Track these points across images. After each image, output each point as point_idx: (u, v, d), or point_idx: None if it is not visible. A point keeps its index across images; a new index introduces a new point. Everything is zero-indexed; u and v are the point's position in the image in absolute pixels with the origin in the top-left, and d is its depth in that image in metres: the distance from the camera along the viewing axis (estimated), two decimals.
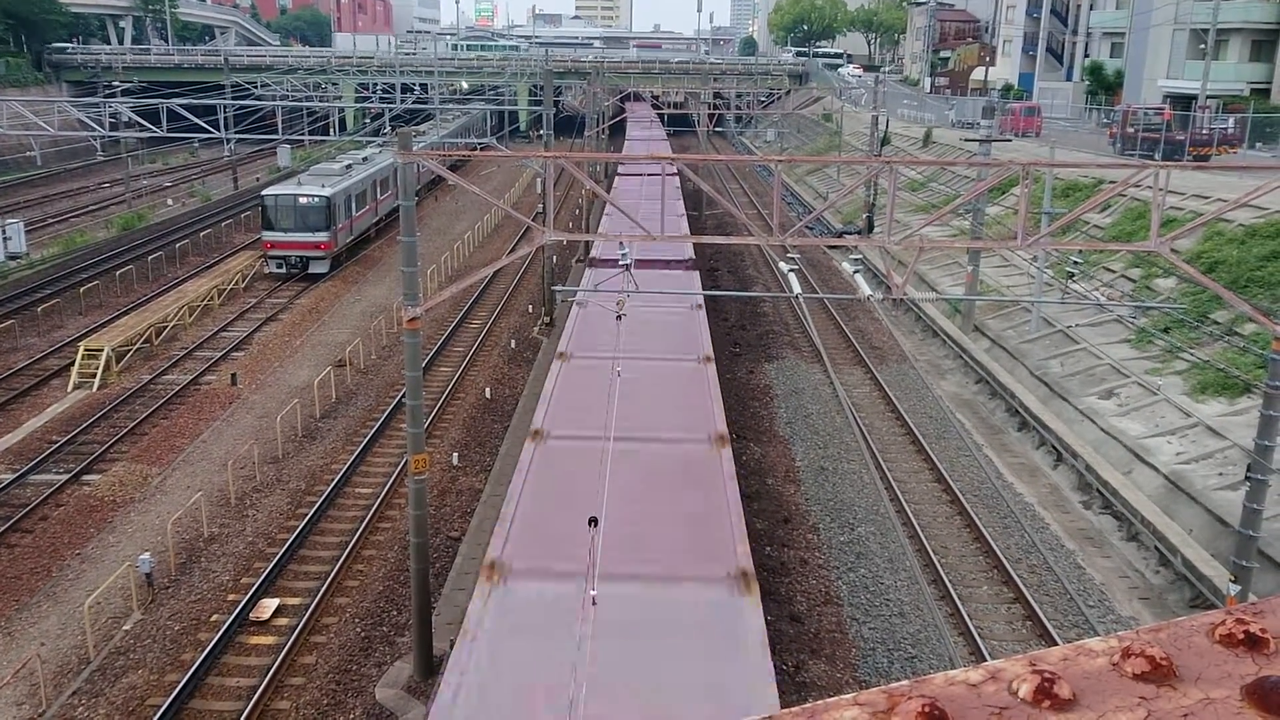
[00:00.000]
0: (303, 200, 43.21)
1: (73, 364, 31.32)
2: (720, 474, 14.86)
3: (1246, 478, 16.40)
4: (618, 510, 13.00)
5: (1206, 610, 1.60)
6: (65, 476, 24.48)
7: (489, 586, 11.78)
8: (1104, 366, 28.34)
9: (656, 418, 16.94)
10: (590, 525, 11.75)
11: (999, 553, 20.92)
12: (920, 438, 26.97)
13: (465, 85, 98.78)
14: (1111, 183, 29.67)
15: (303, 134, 67.29)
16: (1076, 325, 31.35)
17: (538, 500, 14.04)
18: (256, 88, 71.48)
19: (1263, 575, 17.74)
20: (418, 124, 75.72)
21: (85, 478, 24.66)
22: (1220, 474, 21.76)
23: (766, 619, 11.81)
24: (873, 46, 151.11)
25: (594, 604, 10.72)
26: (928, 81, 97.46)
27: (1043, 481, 24.94)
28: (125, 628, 18.63)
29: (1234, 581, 16.31)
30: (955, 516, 22.99)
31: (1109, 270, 34.05)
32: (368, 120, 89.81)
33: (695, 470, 15.09)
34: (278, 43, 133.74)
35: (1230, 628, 1.45)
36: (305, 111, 72.50)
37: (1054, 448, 25.85)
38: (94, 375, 30.78)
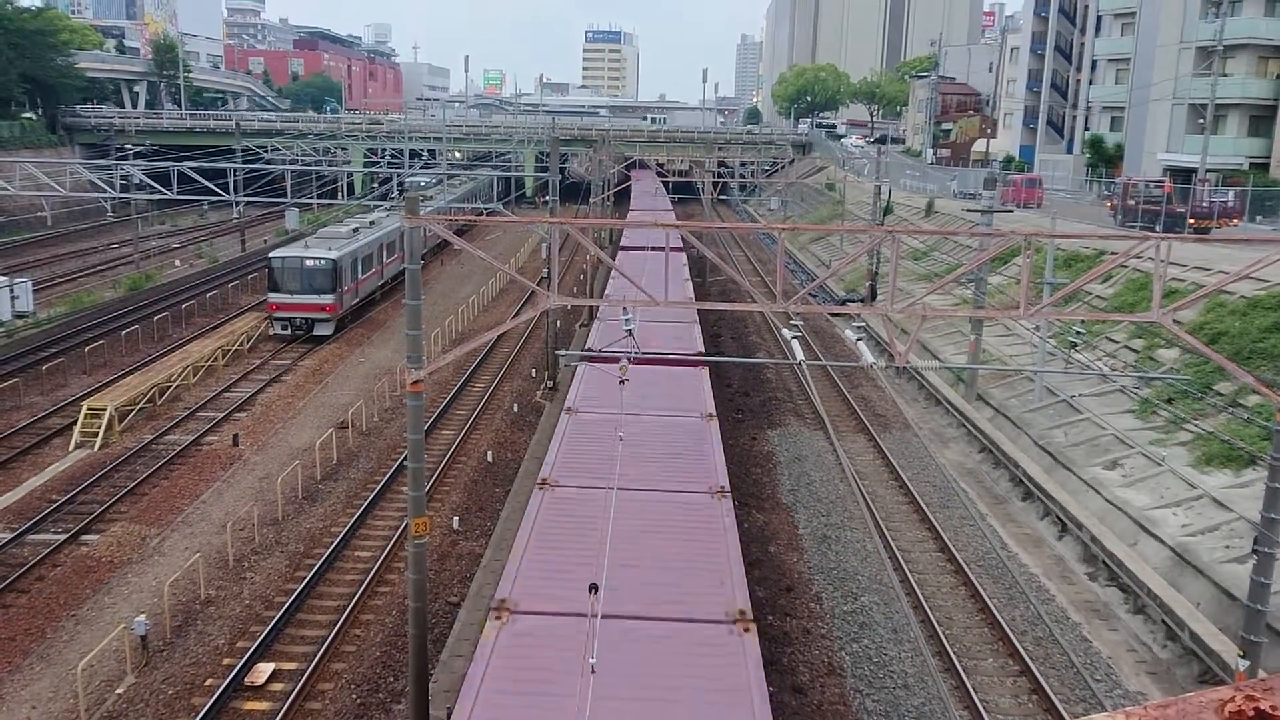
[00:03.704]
0: (309, 263, 43.55)
1: (75, 423, 31.31)
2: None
3: (1254, 551, 16.25)
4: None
5: (1215, 685, 1.58)
6: (63, 536, 24.32)
7: None
8: (1108, 437, 28.24)
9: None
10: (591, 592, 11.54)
11: (1004, 624, 20.66)
12: (924, 506, 26.80)
13: (459, 155, 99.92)
14: (1113, 253, 29.87)
15: (311, 197, 67.95)
16: (1080, 395, 31.31)
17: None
18: (266, 151, 72.38)
19: (1272, 650, 17.50)
20: (422, 188, 76.55)
21: (83, 538, 24.49)
22: (1227, 546, 21.56)
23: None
24: (875, 118, 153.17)
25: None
26: (930, 153, 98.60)
27: (1048, 552, 24.72)
28: (118, 691, 18.37)
29: (1242, 656, 16.08)
30: (960, 587, 22.75)
31: (1112, 341, 34.12)
32: (375, 184, 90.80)
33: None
34: (289, 108, 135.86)
35: (1240, 704, 1.44)
36: (314, 175, 73.43)
37: (1059, 518, 25.66)
38: (96, 434, 30.74)
